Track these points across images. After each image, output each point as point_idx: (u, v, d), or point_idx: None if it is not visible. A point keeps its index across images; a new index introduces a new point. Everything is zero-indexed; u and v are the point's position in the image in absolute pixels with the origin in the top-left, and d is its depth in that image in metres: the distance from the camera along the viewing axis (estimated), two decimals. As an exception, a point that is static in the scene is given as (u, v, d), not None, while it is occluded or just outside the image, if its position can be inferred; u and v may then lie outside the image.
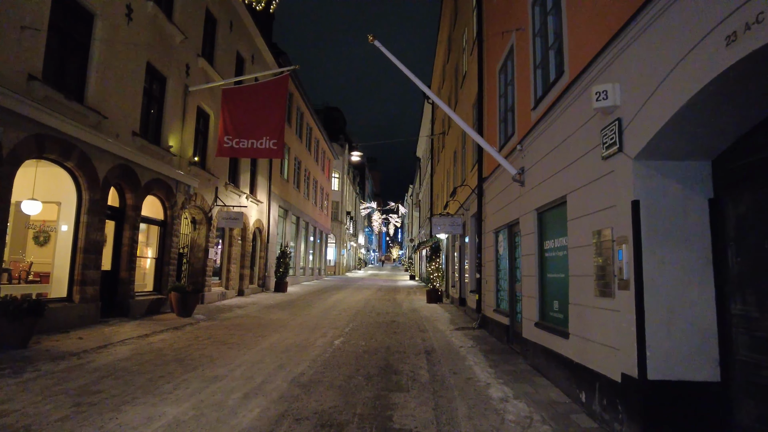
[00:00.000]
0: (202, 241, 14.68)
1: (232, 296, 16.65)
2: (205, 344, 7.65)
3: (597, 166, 4.33)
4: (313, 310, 13.10)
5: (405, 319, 11.38)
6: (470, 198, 11.53)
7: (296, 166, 26.51)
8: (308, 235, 30.04)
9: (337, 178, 47.51)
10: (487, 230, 9.57)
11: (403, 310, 13.58)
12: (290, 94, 24.65)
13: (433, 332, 9.34)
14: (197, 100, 13.74)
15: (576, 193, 4.85)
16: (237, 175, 17.29)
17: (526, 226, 6.71)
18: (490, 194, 9.32)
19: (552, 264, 5.82)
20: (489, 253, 9.32)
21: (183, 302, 11.29)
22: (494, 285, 8.80)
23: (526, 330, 6.59)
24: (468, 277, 11.99)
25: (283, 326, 9.90)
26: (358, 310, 13.42)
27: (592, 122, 4.47)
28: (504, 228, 8.25)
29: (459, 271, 14.07)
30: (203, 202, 14.21)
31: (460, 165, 14.29)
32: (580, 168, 4.75)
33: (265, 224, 20.42)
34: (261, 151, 12.74)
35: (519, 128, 7.33)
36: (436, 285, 16.25)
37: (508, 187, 7.76)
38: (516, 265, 7.60)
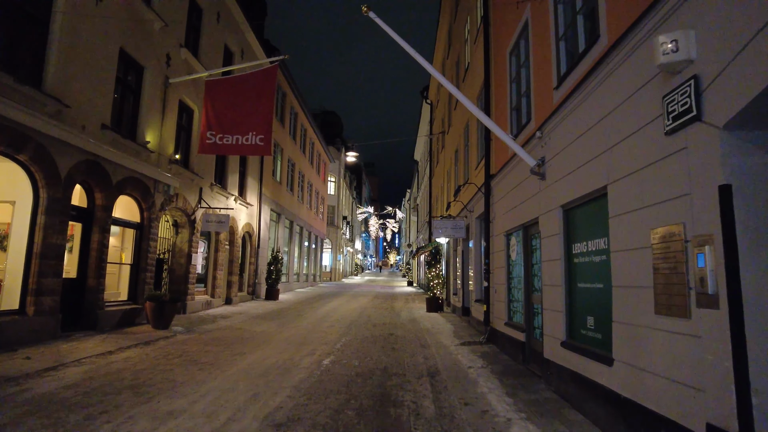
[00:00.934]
0: (185, 245, 13.61)
1: (218, 305, 15.57)
2: (173, 364, 6.59)
3: (656, 145, 3.33)
4: (303, 321, 12.04)
5: (404, 332, 10.33)
6: (475, 198, 10.52)
7: (290, 168, 25.48)
8: (302, 240, 28.98)
9: (333, 182, 46.52)
10: (496, 233, 8.56)
11: (402, 321, 12.53)
12: (283, 94, 23.69)
13: (436, 348, 8.29)
14: (179, 93, 12.73)
15: (622, 183, 3.85)
16: (224, 176, 16.25)
17: (548, 227, 5.70)
18: (500, 192, 8.32)
19: (584, 271, 4.80)
20: (498, 258, 8.31)
21: (159, 313, 10.22)
22: (505, 295, 7.78)
23: (550, 349, 5.56)
24: (473, 284, 10.97)
25: (267, 341, 8.84)
26: (352, 320, 12.36)
27: (646, 89, 3.47)
28: (518, 230, 7.24)
29: (462, 278, 13.05)
30: (185, 204, 13.16)
31: (463, 164, 13.29)
32: (628, 150, 3.75)
33: (256, 228, 19.36)
34: (247, 147, 11.70)
35: (536, 113, 6.33)
36: (436, 293, 15.22)
37: (524, 183, 6.75)
38: (533, 272, 6.58)
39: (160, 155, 11.70)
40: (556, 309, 5.38)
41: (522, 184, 6.87)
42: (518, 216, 7.10)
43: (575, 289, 5.02)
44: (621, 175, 3.87)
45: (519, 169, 7.05)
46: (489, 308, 8.74)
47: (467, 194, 11.60)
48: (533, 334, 6.54)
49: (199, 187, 14.02)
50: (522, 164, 6.86)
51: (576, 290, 5.00)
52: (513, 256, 7.56)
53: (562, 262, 5.24)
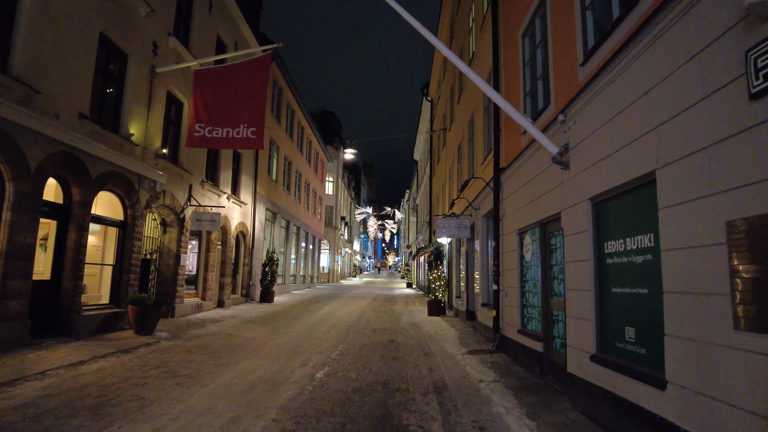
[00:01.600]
0: (173, 245, 12.88)
1: (209, 308, 14.83)
2: (148, 377, 5.86)
3: (735, 114, 2.62)
4: (297, 326, 11.31)
5: (405, 338, 9.62)
6: (482, 194, 9.82)
7: (286, 167, 24.77)
8: (299, 240, 28.25)
9: (331, 182, 45.83)
10: (506, 231, 7.85)
11: (403, 326, 11.81)
12: (279, 90, 22.99)
13: (442, 357, 7.58)
14: (167, 84, 12.02)
15: (678, 166, 3.15)
16: (216, 173, 15.52)
17: (573, 223, 4.99)
18: (511, 187, 7.61)
19: (621, 274, 4.10)
20: (510, 259, 7.60)
21: (142, 317, 9.50)
22: (518, 299, 7.07)
23: (575, 363, 4.84)
24: (478, 287, 10.26)
25: (256, 348, 8.12)
26: (350, 325, 11.64)
27: (717, 47, 2.78)
28: (533, 227, 6.54)
29: (466, 280, 12.34)
30: (174, 202, 12.43)
31: (467, 160, 12.59)
32: (687, 126, 3.05)
33: (250, 228, 18.63)
34: (238, 140, 10.98)
35: (557, 96, 5.64)
36: (438, 296, 14.50)
37: (541, 175, 6.06)
38: (552, 274, 5.88)
39: (146, 149, 10.98)
40: (583, 317, 4.67)
41: (539, 176, 6.17)
42: (534, 212, 6.39)
43: (608, 295, 4.31)
44: (676, 157, 3.17)
45: (535, 160, 6.35)
46: (499, 314, 8.02)
47: (473, 191, 10.89)
48: (552, 344, 5.83)
49: (188, 184, 13.30)
50: (539, 154, 6.17)
51: (609, 296, 4.30)
52: (527, 256, 6.85)
53: (591, 263, 4.54)
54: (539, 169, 6.15)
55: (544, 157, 5.83)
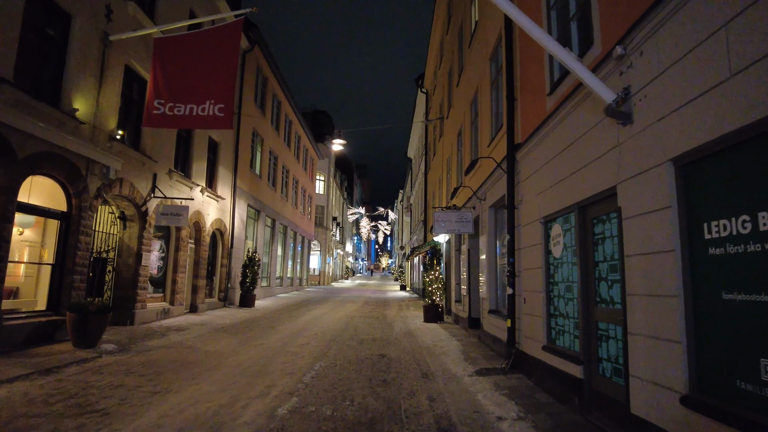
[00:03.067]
0: (134, 243, 11.25)
1: (179, 313, 13.19)
2: (49, 414, 4.27)
3: None
4: (273, 336, 9.72)
5: (399, 352, 8.06)
6: (490, 181, 8.30)
7: (272, 161, 23.16)
8: (287, 240, 26.62)
9: (322, 180, 44.22)
10: (525, 221, 6.32)
11: (396, 335, 10.26)
12: (264, 79, 21.40)
13: (444, 379, 6.03)
14: (126, 56, 10.42)
15: None
16: (188, 163, 13.91)
17: (640, 198, 3.48)
18: (532, 165, 6.09)
19: (743, 271, 2.57)
20: (530, 256, 6.07)
21: (81, 327, 7.89)
22: (543, 306, 5.54)
23: (648, 404, 3.32)
24: (485, 291, 8.72)
25: (214, 367, 6.53)
26: (335, 335, 10.07)
27: None
28: (566, 212, 5.02)
29: (468, 283, 10.80)
30: (133, 192, 10.81)
31: (469, 145, 11.07)
32: None
33: (228, 225, 17.00)
34: (203, 119, 9.40)
35: (607, 27, 4.11)
36: (435, 300, 12.96)
37: (581, 141, 4.55)
38: (599, 273, 4.35)
39: (97, 129, 9.37)
40: (662, 336, 3.15)
41: (576, 143, 4.65)
42: (567, 192, 4.87)
43: (715, 304, 2.79)
44: None
45: (569, 124, 4.84)
46: (514, 324, 6.48)
47: (477, 178, 9.37)
48: (598, 368, 4.30)
49: (152, 173, 11.68)
50: (575, 115, 4.66)
51: (717, 306, 2.77)
52: (556, 251, 5.32)
53: (678, 255, 3.02)
54: (576, 133, 4.64)
55: (587, 115, 4.32)
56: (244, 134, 18.33)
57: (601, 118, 4.07)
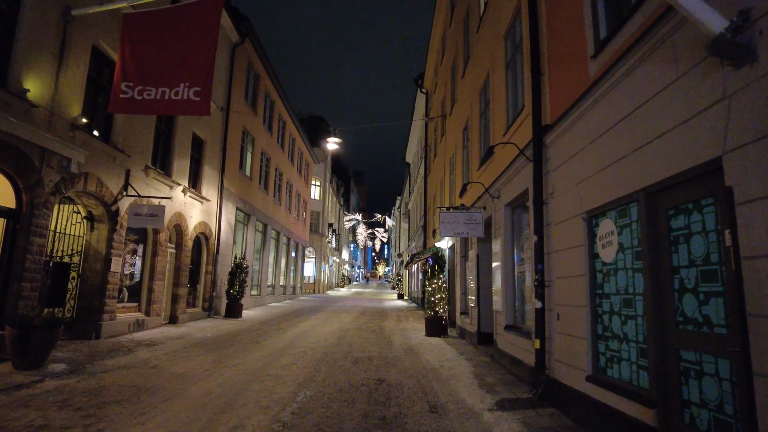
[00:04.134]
0: (102, 246, 10.03)
1: (155, 325, 11.92)
2: None
3: None
4: (255, 354, 8.48)
5: (400, 375, 6.83)
6: (507, 174, 7.13)
7: (264, 163, 21.98)
8: (279, 246, 25.36)
9: (318, 186, 43.08)
10: (559, 218, 5.15)
11: (395, 352, 9.03)
12: (256, 76, 20.31)
13: (458, 415, 4.81)
14: (93, 36, 9.27)
15: None
16: (169, 159, 12.71)
17: None
18: (569, 148, 4.93)
19: None
20: (568, 260, 4.87)
21: (22, 345, 6.66)
22: (587, 325, 4.35)
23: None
24: (500, 303, 7.51)
25: (174, 396, 5.30)
26: (326, 351, 8.84)
27: None
28: (624, 203, 3.86)
29: (477, 293, 9.58)
30: (101, 189, 9.61)
31: (477, 140, 9.91)
32: None
33: (214, 229, 15.77)
34: (176, 104, 8.22)
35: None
36: (438, 311, 11.74)
37: (647, 107, 3.43)
38: (682, 284, 3.16)
39: (55, 115, 8.19)
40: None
41: (643, 110, 3.51)
42: (626, 176, 3.72)
43: None
44: None
45: (630, 86, 3.70)
46: (544, 345, 5.28)
47: (490, 172, 8.21)
48: (682, 415, 3.10)
49: (125, 169, 10.48)
50: (639, 74, 3.53)
51: None
52: (607, 254, 4.14)
53: None
54: (642, 96, 3.50)
55: (661, 68, 3.17)
56: (233, 132, 17.16)
57: (691, 65, 2.91)
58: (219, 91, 15.91)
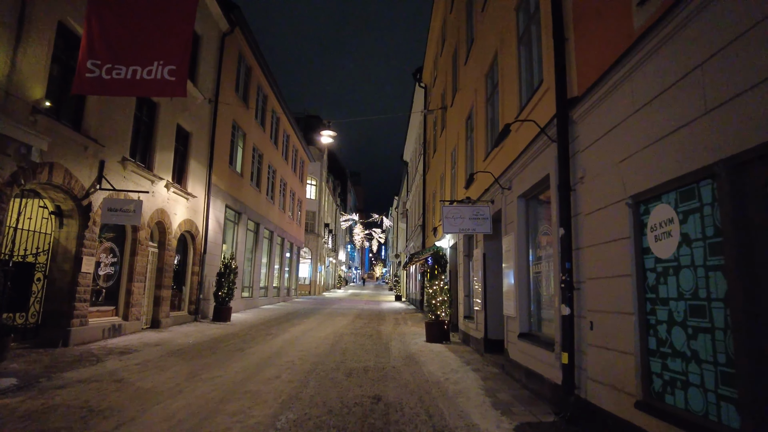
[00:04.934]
0: (72, 244, 9.13)
1: (134, 330, 11.01)
2: None
3: None
4: (236, 363, 7.59)
5: (400, 391, 5.96)
6: (522, 161, 6.26)
7: (256, 159, 21.08)
8: (272, 247, 24.44)
9: (314, 185, 42.15)
10: (593, 206, 4.29)
11: (394, 362, 8.16)
12: (248, 68, 19.42)
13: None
14: (59, 10, 8.38)
15: None
16: (149, 152, 11.81)
17: None
18: (606, 121, 4.06)
19: None
20: (606, 257, 4.00)
21: (-36, 357, 5.75)
22: (635, 337, 3.48)
23: None
24: (513, 308, 6.63)
25: (128, 422, 4.42)
26: (317, 361, 7.96)
27: None
28: (691, 183, 3.00)
29: (483, 295, 8.71)
30: (70, 181, 8.72)
31: (484, 122, 9.06)
32: None
33: (201, 227, 14.86)
34: (148, 84, 7.36)
35: None
36: (440, 315, 10.86)
37: (726, 54, 2.53)
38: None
39: (11, 96, 7.30)
40: None
41: (718, 58, 2.65)
42: (694, 148, 2.88)
43: None
44: None
45: (696, 32, 2.82)
46: (573, 359, 4.41)
47: (500, 160, 7.35)
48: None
49: (99, 160, 9.59)
50: (711, 13, 2.64)
51: None
52: (663, 248, 3.28)
53: None
54: (718, 41, 2.61)
55: None
56: (223, 125, 16.26)
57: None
58: (207, 82, 15.03)
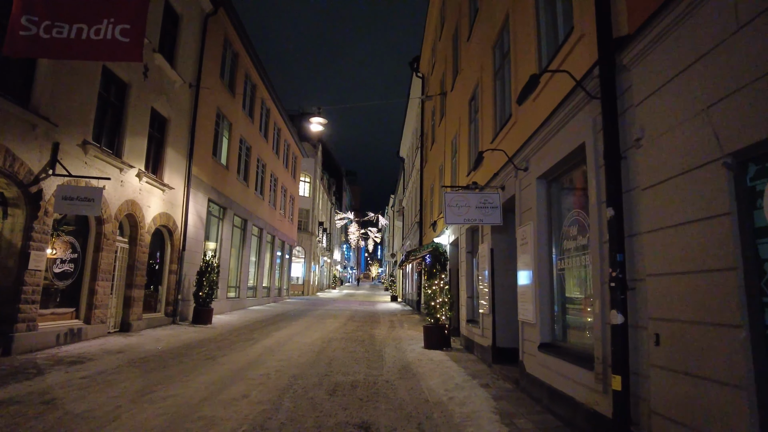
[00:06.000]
0: (17, 237, 7.95)
1: (98, 335, 9.84)
2: None
3: None
4: (201, 378, 6.43)
5: (392, 416, 4.81)
6: (544, 131, 5.12)
7: (243, 152, 19.88)
8: (262, 244, 23.23)
9: (307, 182, 40.99)
10: (657, 177, 3.13)
11: (387, 374, 7.02)
12: (234, 54, 18.24)
13: None
14: (-2, -35, 7.18)
15: None
16: (117, 136, 10.63)
17: None
18: (684, 55, 2.91)
19: None
20: (683, 244, 2.85)
21: None
22: (744, 360, 2.38)
23: None
24: (531, 313, 5.47)
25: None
26: (296, 374, 6.81)
27: None
28: None
29: (490, 297, 7.57)
30: (14, 165, 7.53)
31: (491, 99, 7.92)
32: None
33: (180, 222, 13.66)
34: (97, 45, 6.18)
35: None
36: (440, 318, 9.73)
37: None
38: None
39: (-67, 60, 6.10)
40: None
41: None
42: None
43: None
44: None
45: None
46: (627, 384, 3.26)
47: (514, 138, 6.23)
48: None
49: (52, 142, 8.41)
50: None
51: None
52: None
53: None
54: None
55: None
56: (205, 113, 15.07)
57: None
58: (188, 65, 13.85)
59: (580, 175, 4.72)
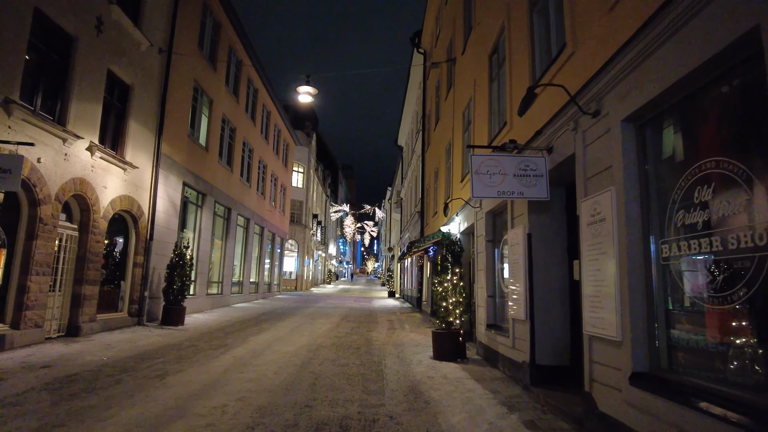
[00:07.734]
0: None
1: (32, 341, 7.98)
2: None
3: None
4: (127, 414, 4.57)
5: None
6: (647, 39, 3.26)
7: (227, 133, 17.93)
8: (249, 236, 21.31)
9: (301, 172, 39.05)
10: None
11: (390, 403, 5.21)
12: (217, 24, 16.27)
13: None
14: None
15: None
16: (62, 99, 8.72)
17: None
18: None
19: None
20: None
21: None
22: None
23: None
24: (615, 325, 3.62)
25: None
26: (266, 405, 4.96)
27: None
28: None
29: (527, 298, 5.70)
30: None
31: (524, 43, 6.04)
32: None
33: (147, 207, 11.74)
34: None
35: None
36: (453, 322, 7.89)
37: None
38: None
39: None
40: None
41: None
42: None
43: None
44: None
45: None
46: None
47: (579, 63, 4.36)
48: None
49: (-43, 97, 6.47)
50: None
51: None
52: None
53: None
54: None
55: None
56: (179, 84, 13.11)
57: None
58: (158, 27, 11.91)
59: (732, 94, 2.86)
